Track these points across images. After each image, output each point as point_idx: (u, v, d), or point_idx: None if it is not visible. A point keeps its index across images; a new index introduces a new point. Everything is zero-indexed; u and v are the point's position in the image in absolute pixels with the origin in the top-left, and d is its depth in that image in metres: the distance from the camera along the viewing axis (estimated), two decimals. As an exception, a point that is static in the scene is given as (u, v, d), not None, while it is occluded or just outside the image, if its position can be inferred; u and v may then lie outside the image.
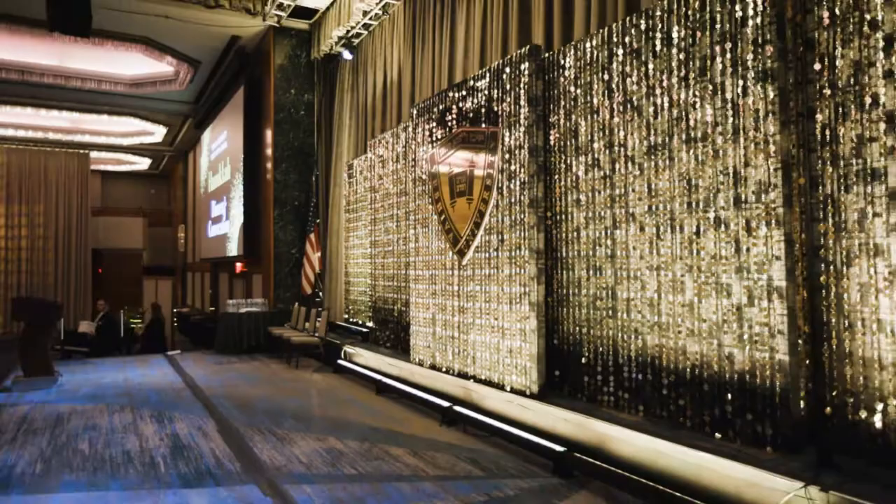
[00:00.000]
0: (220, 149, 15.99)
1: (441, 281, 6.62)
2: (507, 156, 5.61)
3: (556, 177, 5.35)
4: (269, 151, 12.36)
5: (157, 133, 19.57)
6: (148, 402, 7.23)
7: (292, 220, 12.13)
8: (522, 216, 5.40)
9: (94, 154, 20.61)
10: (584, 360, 5.04)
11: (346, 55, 11.09)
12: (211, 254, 16.92)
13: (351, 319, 10.54)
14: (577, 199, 5.14)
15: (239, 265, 14.51)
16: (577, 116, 5.15)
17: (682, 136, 4.25)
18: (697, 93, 4.14)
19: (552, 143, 5.39)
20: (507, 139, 5.62)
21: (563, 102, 5.30)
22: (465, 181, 6.19)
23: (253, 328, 11.25)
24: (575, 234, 5.18)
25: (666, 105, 4.37)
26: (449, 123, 6.52)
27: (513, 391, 5.45)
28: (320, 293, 11.73)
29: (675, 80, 4.30)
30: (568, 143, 5.24)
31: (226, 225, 15.08)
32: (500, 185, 5.70)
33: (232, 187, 14.41)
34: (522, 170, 5.41)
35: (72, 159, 19.89)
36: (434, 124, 6.81)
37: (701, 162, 4.11)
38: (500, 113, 5.72)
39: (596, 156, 4.96)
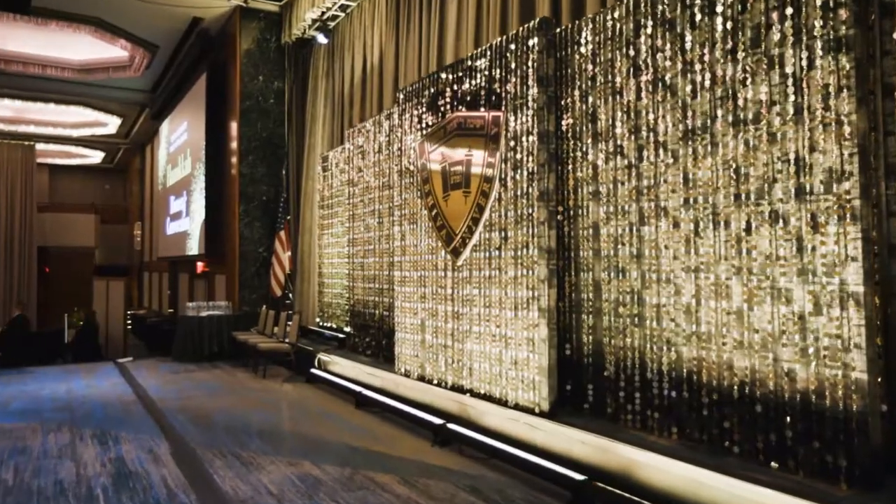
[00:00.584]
0: (179, 140, 15.08)
1: (432, 283, 6.00)
2: (512, 143, 5.03)
3: (570, 166, 4.79)
4: (234, 143, 11.56)
5: (111, 124, 18.48)
6: (91, 418, 6.44)
7: (260, 216, 11.36)
8: (530, 210, 4.82)
9: (40, 146, 19.40)
10: (603, 374, 4.49)
11: (321, 39, 10.38)
12: (170, 252, 15.97)
13: (325, 324, 9.84)
14: (596, 192, 4.58)
15: (200, 265, 13.64)
16: (595, 98, 4.60)
17: (728, 118, 3.72)
18: (748, 67, 3.61)
19: (564, 128, 4.82)
20: (512, 124, 5.03)
21: (578, 83, 4.74)
22: (461, 172, 5.58)
23: (215, 333, 10.45)
24: (591, 230, 4.62)
25: (707, 83, 3.84)
26: (442, 109, 5.91)
27: (518, 408, 4.86)
28: (290, 295, 10.98)
29: (718, 53, 3.78)
30: (584, 128, 4.68)
31: (186, 222, 14.19)
32: (503, 175, 5.12)
33: (193, 181, 13.54)
34: (531, 158, 4.84)
35: (15, 151, 18.65)
36: (424, 110, 6.19)
37: (752, 147, 3.59)
38: (503, 95, 5.14)
39: (619, 142, 4.42)
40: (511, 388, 4.96)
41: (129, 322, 17.76)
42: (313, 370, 8.25)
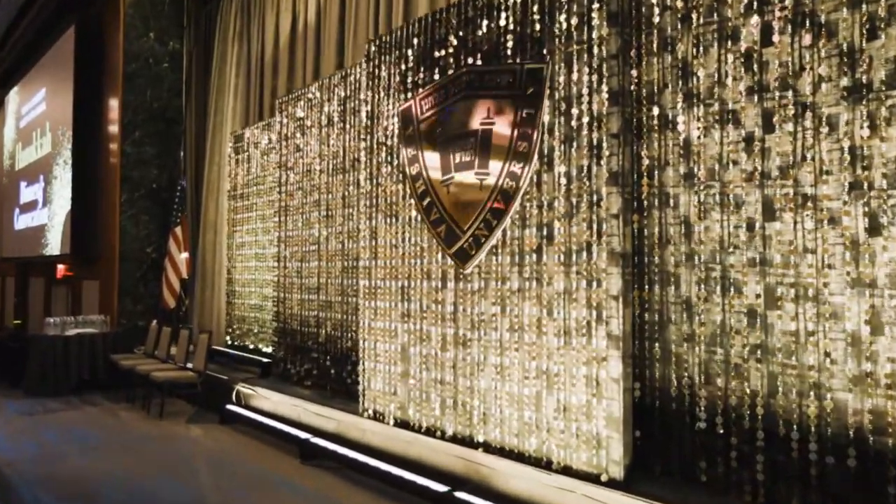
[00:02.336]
0: (34, 113, 12.60)
1: (421, 296, 4.65)
2: (562, 105, 3.80)
3: (644, 140, 3.64)
4: (114, 115, 9.53)
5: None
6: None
7: (148, 208, 9.41)
8: (594, 199, 3.61)
9: None
10: (696, 427, 3.35)
11: (235, -11, 8.70)
12: (19, 251, 13.36)
13: (237, 343, 8.13)
14: (689, 175, 3.45)
15: (62, 267, 11.32)
16: (688, 44, 3.47)
17: (936, 68, 2.70)
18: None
19: (632, 88, 3.67)
20: (562, 79, 3.81)
21: (658, 23, 3.60)
22: (472, 147, 4.28)
23: (86, 356, 8.40)
24: (680, 228, 3.49)
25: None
26: (441, 62, 4.59)
27: (569, 473, 3.62)
28: (184, 306, 9.14)
29: (915, -24, 2.76)
30: (668, 86, 3.55)
31: (43, 213, 11.80)
32: (545, 150, 3.88)
33: (54, 164, 11.23)
34: (595, 127, 3.63)
35: None
36: (411, 65, 4.83)
37: None
38: (548, 39, 3.90)
39: (729, 105, 3.31)
40: (557, 443, 3.72)
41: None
42: (230, 406, 6.59)
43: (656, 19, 3.62)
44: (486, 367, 4.18)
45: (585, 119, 3.67)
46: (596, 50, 3.64)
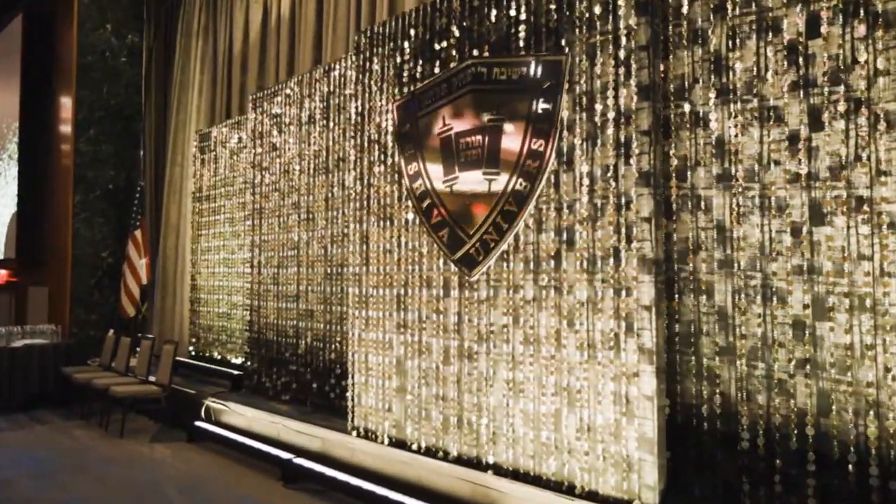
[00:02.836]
0: (-22, 109, 11.64)
1: (420, 306, 4.25)
2: (583, 100, 3.47)
3: (672, 139, 3.35)
4: (67, 111, 8.81)
5: None
6: None
7: (104, 209, 8.72)
8: (623, 201, 3.29)
9: None
10: (737, 448, 3.06)
11: (200, -19, 8.13)
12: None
13: (202, 354, 7.55)
14: (724, 175, 3.17)
15: (4, 273, 10.45)
16: (722, 36, 3.19)
17: None
18: None
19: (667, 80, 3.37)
20: (583, 73, 3.48)
21: (686, 13, 3.31)
22: (479, 145, 3.92)
23: (35, 369, 7.65)
24: (714, 232, 3.20)
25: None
26: (442, 55, 4.21)
27: (596, 499, 3.29)
28: (141, 315, 8.48)
29: None
30: (698, 81, 3.26)
31: (-14, 215, 10.90)
32: (563, 148, 3.54)
33: (-1, 162, 10.39)
34: (624, 122, 3.31)
35: None
36: (407, 58, 4.44)
37: None
38: (565, 30, 3.57)
39: (770, 101, 3.04)
40: (581, 466, 3.37)
41: None
42: (199, 423, 6.04)
43: (685, 10, 3.33)
44: (496, 382, 3.81)
45: (611, 115, 3.35)
46: (623, 41, 3.33)
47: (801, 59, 2.96)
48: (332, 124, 5.39)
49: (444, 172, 4.11)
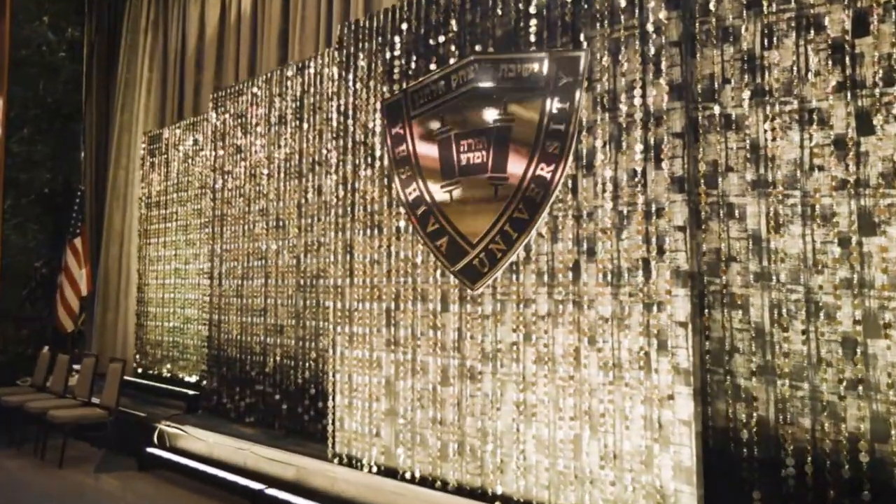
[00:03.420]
0: None
1: (413, 321, 3.82)
2: (603, 100, 3.14)
3: (701, 143, 3.06)
4: (-4, 108, 7.90)
5: None
6: None
7: (39, 215, 7.86)
8: (654, 208, 2.97)
9: None
10: (780, 474, 2.77)
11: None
12: None
13: (150, 372, 6.83)
14: (759, 181, 2.89)
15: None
16: (754, 34, 2.92)
17: None
18: None
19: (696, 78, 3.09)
20: (603, 70, 3.15)
21: (716, 10, 3.04)
22: (484, 146, 3.53)
23: (-42, 391, 6.76)
24: (749, 242, 2.92)
25: None
26: (439, 49, 3.81)
27: (623, 533, 2.93)
28: (80, 329, 7.67)
29: None
30: (729, 81, 2.98)
31: None
32: (582, 151, 3.20)
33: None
34: (654, 124, 2.99)
35: None
36: (397, 53, 4.01)
37: None
38: (583, 25, 3.23)
39: (811, 103, 2.78)
40: (605, 498, 3.01)
41: None
42: (151, 450, 5.37)
43: (713, 6, 3.05)
44: (504, 405, 3.41)
45: (638, 115, 3.03)
46: (652, 36, 3.01)
47: (847, 59, 2.72)
48: (306, 125, 4.89)
49: (443, 177, 3.70)
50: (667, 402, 2.87)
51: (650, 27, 3.02)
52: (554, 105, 3.27)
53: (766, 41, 2.91)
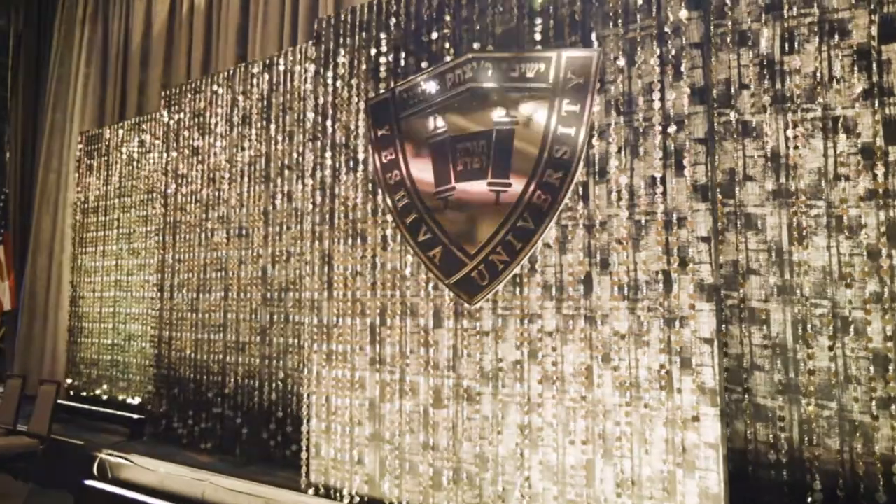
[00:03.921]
0: None
1: (401, 338, 3.51)
2: (618, 102, 2.95)
3: (717, 150, 2.92)
4: None
5: None
6: None
7: (-45, 221, 7.07)
8: (675, 217, 2.79)
9: None
10: (814, 499, 2.62)
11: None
12: None
13: (85, 394, 6.20)
14: (779, 191, 2.77)
15: None
16: (776, 39, 2.81)
17: None
18: None
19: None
20: (617, 71, 2.97)
21: (732, 14, 2.92)
22: (483, 151, 3.29)
23: None
24: (769, 254, 2.79)
25: None
26: (431, 46, 3.55)
27: (644, 566, 2.72)
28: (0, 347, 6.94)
29: None
30: (747, 87, 2.86)
31: None
32: (594, 156, 3.00)
33: None
34: (675, 129, 2.82)
35: None
36: (384, 49, 3.72)
37: None
38: (595, 22, 3.05)
39: (835, 111, 2.68)
40: (623, 528, 2.79)
41: None
42: (90, 482, 4.80)
43: (729, 9, 2.93)
44: (506, 428, 3.15)
45: (657, 120, 2.86)
46: (671, 37, 2.85)
47: (874, 66, 2.63)
48: (274, 126, 4.52)
49: (437, 182, 3.42)
50: (691, 424, 2.69)
51: (668, 27, 2.86)
52: (563, 107, 3.06)
53: (786, 45, 2.81)
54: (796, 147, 2.77)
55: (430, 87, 3.49)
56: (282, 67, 4.48)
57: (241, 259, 4.62)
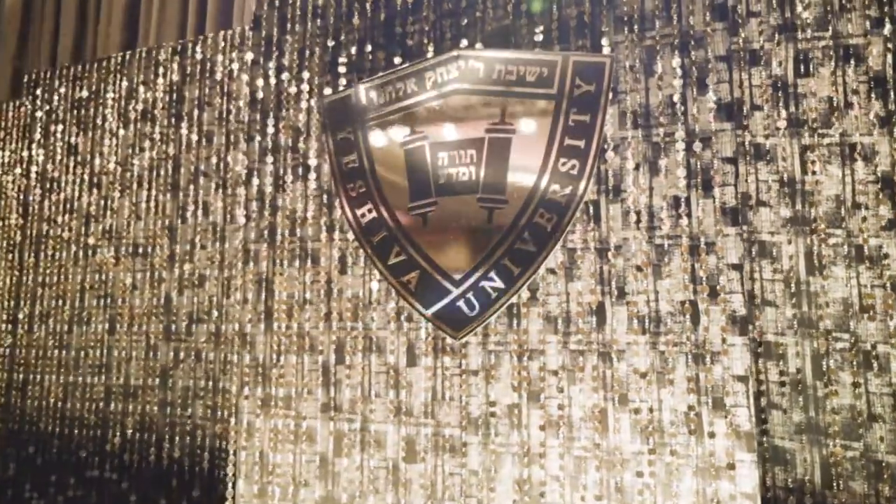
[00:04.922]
0: None
1: (365, 379, 2.94)
2: (636, 115, 2.68)
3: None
4: None
5: None
6: None
7: None
8: (702, 242, 2.55)
9: None
10: (845, 548, 2.45)
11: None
12: None
13: None
14: (795, 218, 2.64)
15: None
16: (788, 61, 2.71)
17: None
18: None
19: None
20: (631, 80, 2.71)
21: (743, 34, 2.79)
22: (472, 161, 2.87)
23: None
24: (785, 285, 2.63)
25: None
26: (406, 40, 3.09)
27: None
28: None
29: None
30: (760, 109, 2.73)
31: None
32: (607, 172, 2.70)
33: None
34: (700, 146, 2.59)
35: None
36: (343, 40, 3.20)
37: None
38: (604, 23, 2.78)
39: (852, 137, 2.61)
40: None
41: None
42: None
43: (740, 28, 2.80)
44: (499, 483, 2.69)
45: (680, 136, 2.62)
46: (693, 48, 2.65)
47: (892, 94, 2.59)
48: (186, 123, 3.77)
49: (412, 196, 2.94)
50: (725, 473, 2.41)
51: (691, 37, 2.66)
52: (571, 117, 2.74)
53: (801, 68, 2.71)
54: (813, 173, 2.65)
55: (406, 86, 3.02)
56: (200, 55, 3.76)
57: (136, 283, 3.76)
